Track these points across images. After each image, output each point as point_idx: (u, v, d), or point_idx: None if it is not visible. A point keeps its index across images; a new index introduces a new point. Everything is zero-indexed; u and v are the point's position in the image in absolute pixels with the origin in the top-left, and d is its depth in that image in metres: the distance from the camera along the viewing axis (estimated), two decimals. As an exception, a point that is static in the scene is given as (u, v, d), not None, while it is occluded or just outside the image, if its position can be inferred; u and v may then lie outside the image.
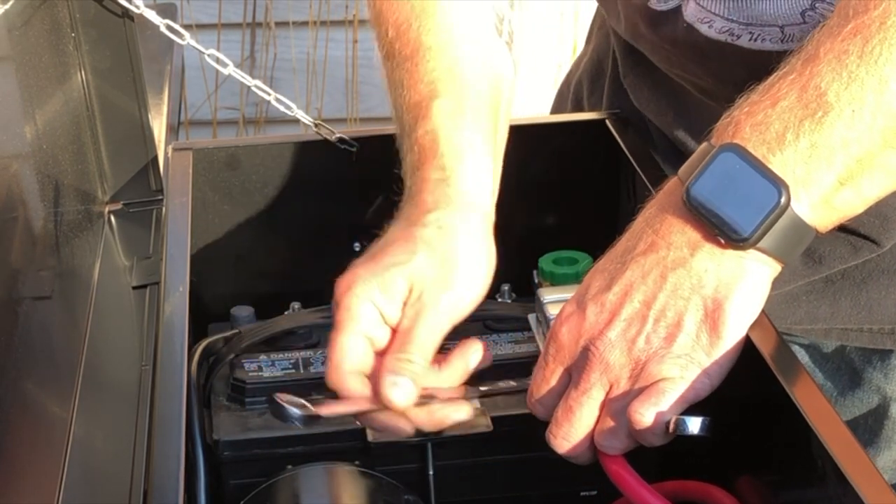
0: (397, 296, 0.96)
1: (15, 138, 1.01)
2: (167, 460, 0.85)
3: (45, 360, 0.95)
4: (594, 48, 1.37)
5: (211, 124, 2.94)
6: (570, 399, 0.92)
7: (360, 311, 0.96)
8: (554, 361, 0.93)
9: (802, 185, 0.87)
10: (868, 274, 1.18)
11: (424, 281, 0.97)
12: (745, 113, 0.89)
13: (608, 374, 0.91)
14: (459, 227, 0.99)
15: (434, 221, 0.99)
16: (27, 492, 0.81)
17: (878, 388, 1.24)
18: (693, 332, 0.89)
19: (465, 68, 1.06)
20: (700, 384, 0.89)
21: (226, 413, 1.05)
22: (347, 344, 0.95)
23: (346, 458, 1.01)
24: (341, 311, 0.96)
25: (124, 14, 1.23)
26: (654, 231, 0.91)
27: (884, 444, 1.26)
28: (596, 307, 0.91)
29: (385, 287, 0.96)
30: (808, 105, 0.87)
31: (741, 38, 1.07)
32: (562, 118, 1.39)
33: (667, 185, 0.93)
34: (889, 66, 0.85)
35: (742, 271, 0.89)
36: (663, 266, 0.90)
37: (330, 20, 2.86)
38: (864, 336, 1.22)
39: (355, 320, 0.95)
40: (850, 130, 0.86)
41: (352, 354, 0.95)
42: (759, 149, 0.87)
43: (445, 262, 0.97)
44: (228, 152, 1.25)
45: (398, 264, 0.96)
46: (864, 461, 0.80)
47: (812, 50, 0.88)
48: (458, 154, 1.02)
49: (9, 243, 0.91)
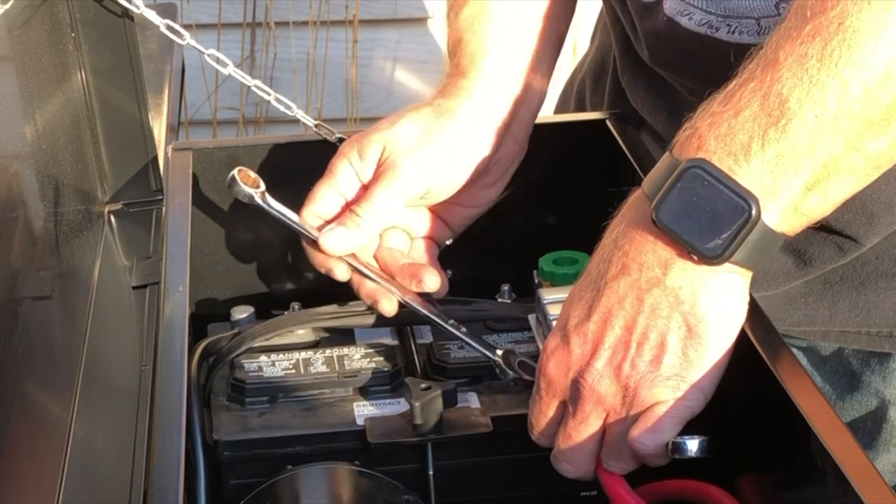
0: (371, 157, 1.08)
1: (15, 138, 1.01)
2: (167, 460, 0.85)
3: (45, 360, 0.95)
4: (597, 47, 1.37)
5: (211, 124, 2.94)
6: (569, 428, 0.93)
7: (338, 168, 1.08)
8: (547, 395, 0.94)
9: (770, 194, 0.86)
10: (866, 277, 1.18)
11: (396, 146, 1.07)
12: (708, 124, 0.88)
13: (602, 404, 0.91)
14: (458, 112, 1.09)
15: (435, 104, 1.10)
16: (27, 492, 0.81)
17: (877, 391, 1.24)
18: (678, 350, 0.89)
19: None
20: (694, 400, 0.90)
21: (226, 413, 1.05)
22: (319, 191, 1.08)
23: (346, 458, 1.01)
24: (328, 167, 1.09)
25: (124, 14, 1.23)
26: (623, 253, 0.90)
27: (882, 448, 1.26)
28: (579, 338, 0.91)
29: (362, 149, 1.08)
30: (770, 113, 0.86)
31: (720, 31, 1.07)
32: (562, 118, 1.39)
33: (631, 198, 0.93)
34: (849, 69, 0.84)
35: (717, 283, 0.88)
36: (638, 288, 0.89)
37: (330, 20, 2.86)
38: (862, 339, 1.22)
39: (332, 174, 1.08)
40: (814, 136, 0.85)
41: (319, 198, 1.08)
42: (724, 161, 0.87)
43: (423, 134, 1.08)
44: (228, 152, 1.25)
45: (379, 129, 1.08)
46: (863, 461, 0.80)
47: (771, 54, 0.87)
48: (473, 57, 1.12)
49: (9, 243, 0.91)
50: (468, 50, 1.13)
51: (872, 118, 0.85)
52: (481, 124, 1.10)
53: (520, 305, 1.17)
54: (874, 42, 0.84)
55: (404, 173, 1.06)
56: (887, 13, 0.84)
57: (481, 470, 1.05)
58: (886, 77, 0.84)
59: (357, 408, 1.05)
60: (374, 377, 1.07)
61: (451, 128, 1.08)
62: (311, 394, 1.06)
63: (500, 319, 1.15)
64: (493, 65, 1.12)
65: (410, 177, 1.07)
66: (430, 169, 1.07)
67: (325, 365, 1.08)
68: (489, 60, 1.12)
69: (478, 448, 1.04)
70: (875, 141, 0.86)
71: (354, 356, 1.09)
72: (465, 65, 1.12)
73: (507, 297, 1.20)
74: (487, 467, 1.05)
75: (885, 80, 0.84)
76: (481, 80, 1.11)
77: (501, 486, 1.06)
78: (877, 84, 0.84)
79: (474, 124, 1.10)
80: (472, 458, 1.04)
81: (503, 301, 1.20)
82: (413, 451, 1.03)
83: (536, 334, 1.10)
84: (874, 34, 0.84)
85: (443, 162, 1.08)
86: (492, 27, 1.13)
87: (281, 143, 1.26)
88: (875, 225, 1.13)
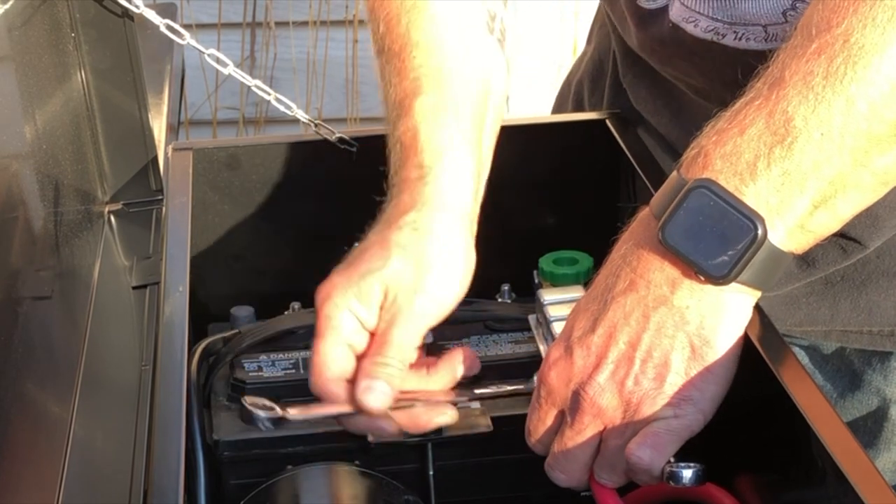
0: (373, 302, 0.98)
1: (15, 138, 1.01)
2: (167, 460, 0.85)
3: (45, 360, 0.95)
4: (595, 47, 1.37)
5: (211, 124, 2.94)
6: (566, 437, 0.93)
7: (339, 320, 0.97)
8: (546, 404, 0.94)
9: (777, 213, 0.86)
10: (868, 276, 1.18)
11: (399, 285, 0.98)
12: (714, 142, 0.88)
13: (602, 417, 0.91)
14: (434, 228, 1.00)
15: (409, 223, 1.00)
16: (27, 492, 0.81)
17: (878, 390, 1.24)
18: (682, 370, 0.89)
19: (451, 65, 1.06)
20: (694, 420, 0.89)
21: (226, 413, 1.05)
22: (329, 352, 0.97)
23: (346, 458, 1.01)
24: (321, 319, 0.98)
25: (124, 14, 1.23)
26: (631, 269, 0.90)
27: (883, 447, 1.26)
28: (583, 351, 0.91)
29: (361, 295, 0.97)
30: (776, 131, 0.85)
31: (726, 38, 1.07)
32: (562, 118, 1.39)
33: (640, 216, 0.92)
34: (854, 85, 0.84)
35: (724, 304, 0.88)
36: (644, 305, 0.89)
37: (330, 20, 2.86)
38: (863, 338, 1.22)
39: (335, 329, 0.97)
40: (820, 153, 0.85)
41: (333, 361, 0.97)
42: (731, 181, 0.86)
43: (419, 265, 0.98)
44: (228, 152, 1.25)
45: (373, 271, 0.98)
46: (864, 461, 0.80)
47: (777, 73, 0.87)
48: (437, 152, 1.02)
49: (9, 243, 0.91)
50: (425, 146, 1.03)
51: (879, 135, 0.85)
52: (463, 226, 1.03)
53: (520, 305, 1.16)
54: (879, 59, 0.83)
55: (419, 310, 0.99)
56: (892, 30, 0.83)
57: (481, 470, 1.05)
58: (892, 93, 0.84)
59: (357, 408, 1.05)
60: (374, 377, 1.07)
61: (437, 247, 1.00)
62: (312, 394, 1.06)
63: (500, 319, 1.15)
64: (452, 162, 1.03)
65: (426, 313, 1.00)
66: (440, 297, 1.00)
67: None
68: (447, 160, 1.03)
69: (478, 448, 1.04)
70: (882, 157, 0.85)
71: (354, 356, 1.09)
72: (428, 165, 1.02)
73: (507, 297, 1.20)
74: (487, 467, 1.05)
75: (891, 96, 0.84)
76: (446, 183, 1.02)
77: (501, 486, 1.06)
78: (883, 101, 0.84)
79: (457, 230, 1.02)
80: (472, 458, 1.04)
81: (503, 301, 1.20)
82: (413, 451, 1.03)
83: (536, 334, 1.10)
84: (879, 51, 0.84)
85: (445, 283, 1.01)
86: (445, 117, 1.04)
87: (281, 143, 1.26)
88: (879, 228, 1.13)
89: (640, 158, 1.20)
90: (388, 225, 1.00)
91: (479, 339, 1.12)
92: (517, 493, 1.06)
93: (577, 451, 0.92)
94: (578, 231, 1.19)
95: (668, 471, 0.89)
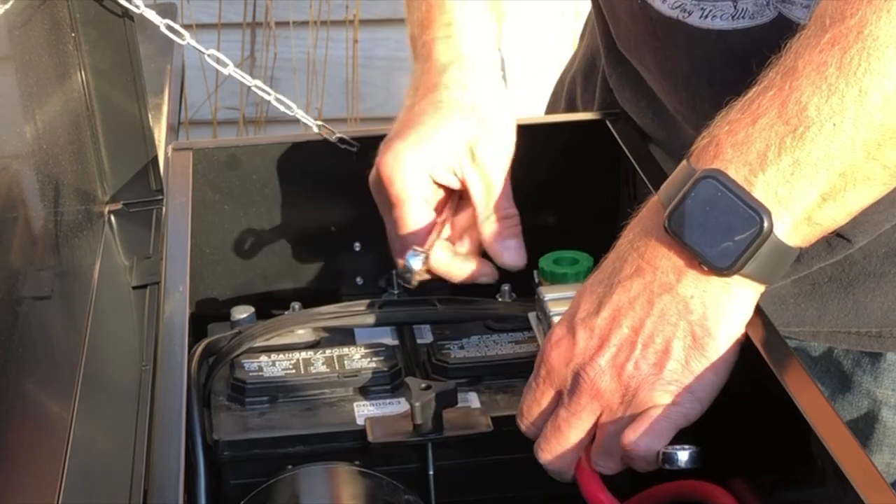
0: (447, 160, 1.05)
1: (15, 138, 1.01)
2: (167, 460, 0.85)
3: (45, 360, 0.95)
4: (587, 45, 1.38)
5: (211, 124, 2.94)
6: (560, 419, 0.93)
7: (418, 182, 1.05)
8: (545, 384, 0.94)
9: (785, 204, 0.86)
10: (854, 277, 1.18)
11: (471, 141, 1.05)
12: (726, 132, 0.88)
13: (599, 399, 0.91)
14: (481, 84, 1.07)
15: (454, 82, 1.07)
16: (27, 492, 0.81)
17: (868, 391, 1.24)
18: (682, 358, 0.89)
19: None
20: (691, 409, 0.90)
21: (226, 413, 1.05)
22: (413, 214, 1.05)
23: (346, 458, 1.01)
24: (396, 185, 1.05)
25: (124, 14, 1.23)
26: (639, 255, 0.91)
27: (875, 448, 1.26)
28: (586, 332, 0.91)
29: (433, 155, 1.04)
30: (788, 121, 0.85)
31: (692, 15, 1.07)
32: (562, 118, 1.39)
33: (650, 202, 0.93)
34: (868, 77, 0.84)
35: (728, 296, 0.88)
36: (650, 291, 0.89)
37: (330, 20, 2.86)
38: (851, 338, 1.22)
39: (415, 190, 1.05)
40: (832, 144, 0.84)
41: (419, 222, 1.05)
42: (740, 171, 0.86)
43: (482, 120, 1.05)
44: (228, 152, 1.25)
45: (439, 130, 1.05)
46: (863, 461, 0.80)
47: (790, 63, 0.87)
48: (463, 12, 1.10)
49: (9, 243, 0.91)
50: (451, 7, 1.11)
51: (892, 127, 0.84)
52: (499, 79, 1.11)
53: (520, 305, 1.17)
54: (894, 50, 0.83)
55: (499, 161, 1.07)
56: None
57: (481, 470, 1.05)
58: None
59: (357, 408, 1.05)
60: (374, 377, 1.07)
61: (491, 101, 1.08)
62: (312, 394, 1.06)
63: (500, 319, 1.15)
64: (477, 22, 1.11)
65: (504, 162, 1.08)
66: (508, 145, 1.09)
67: (325, 365, 1.08)
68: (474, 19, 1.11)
69: (478, 448, 1.04)
70: (894, 150, 0.85)
71: (354, 356, 1.09)
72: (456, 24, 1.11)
73: (507, 297, 1.20)
74: (487, 467, 1.05)
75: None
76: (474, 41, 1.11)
77: (501, 486, 1.06)
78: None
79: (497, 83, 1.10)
80: (472, 458, 1.04)
81: (503, 301, 1.20)
82: (413, 451, 1.03)
83: (537, 332, 1.10)
84: (894, 42, 0.83)
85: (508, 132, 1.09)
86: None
87: (281, 143, 1.26)
88: (865, 223, 1.13)
89: (640, 158, 1.20)
90: (430, 88, 1.07)
91: (479, 339, 1.12)
92: (517, 493, 1.06)
93: (569, 432, 0.92)
94: (578, 231, 1.19)
95: (663, 453, 0.89)
